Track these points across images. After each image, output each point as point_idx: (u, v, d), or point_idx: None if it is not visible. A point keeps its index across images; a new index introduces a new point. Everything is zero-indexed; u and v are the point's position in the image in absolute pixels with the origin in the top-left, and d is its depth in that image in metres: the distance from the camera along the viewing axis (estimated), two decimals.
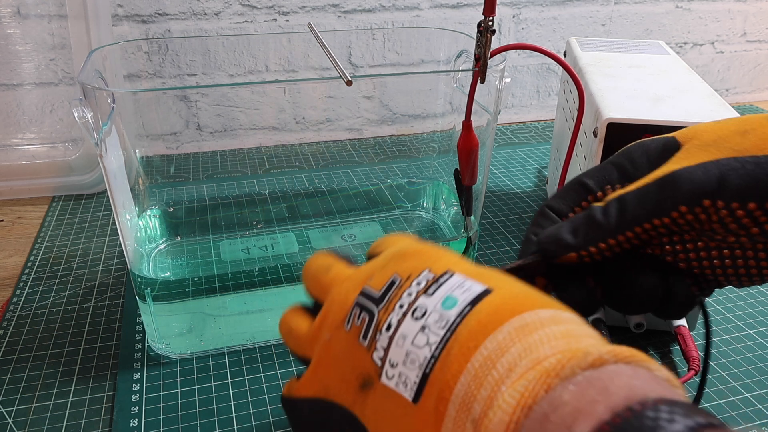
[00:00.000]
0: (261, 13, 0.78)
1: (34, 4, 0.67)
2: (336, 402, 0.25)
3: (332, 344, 0.25)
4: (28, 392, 0.43)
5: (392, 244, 0.28)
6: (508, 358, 0.20)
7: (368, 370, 0.23)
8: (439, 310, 0.22)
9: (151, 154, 0.56)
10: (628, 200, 0.29)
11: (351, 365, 0.24)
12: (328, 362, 0.25)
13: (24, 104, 0.71)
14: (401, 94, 0.76)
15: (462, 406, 0.20)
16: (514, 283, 0.23)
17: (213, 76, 0.75)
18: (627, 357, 0.18)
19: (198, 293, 0.47)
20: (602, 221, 0.30)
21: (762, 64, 1.06)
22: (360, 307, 0.25)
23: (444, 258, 0.25)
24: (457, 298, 0.22)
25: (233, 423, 0.40)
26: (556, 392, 0.18)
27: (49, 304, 0.52)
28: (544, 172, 0.77)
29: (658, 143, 0.32)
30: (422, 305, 0.23)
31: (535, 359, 0.19)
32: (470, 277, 0.23)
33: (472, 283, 0.23)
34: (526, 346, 0.20)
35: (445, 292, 0.23)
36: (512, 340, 0.20)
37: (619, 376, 0.18)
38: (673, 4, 0.95)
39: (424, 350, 0.21)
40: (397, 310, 0.23)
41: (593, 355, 0.18)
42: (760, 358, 0.46)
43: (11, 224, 0.65)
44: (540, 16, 0.90)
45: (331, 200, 0.61)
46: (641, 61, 0.57)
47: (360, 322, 0.24)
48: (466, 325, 0.21)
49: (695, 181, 0.28)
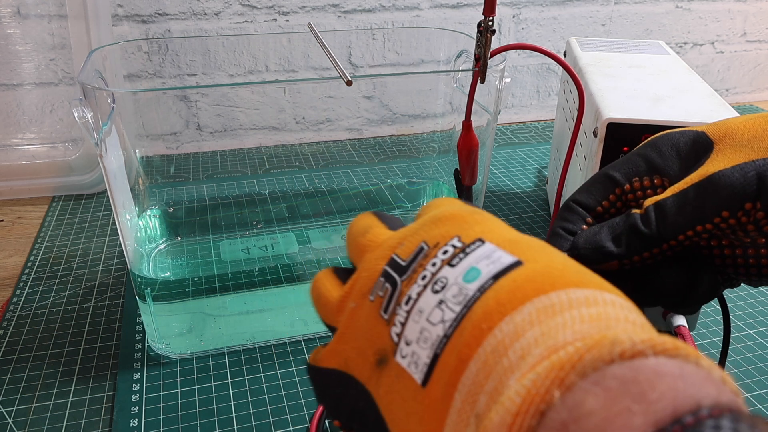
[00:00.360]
0: (261, 13, 0.78)
1: (34, 4, 0.67)
2: (353, 376, 0.23)
3: (356, 315, 0.23)
4: (28, 392, 0.43)
5: (435, 208, 0.25)
6: (522, 343, 0.16)
7: (385, 346, 0.21)
8: (460, 283, 0.19)
9: (151, 154, 0.56)
10: (668, 207, 0.29)
11: (370, 339, 0.22)
12: (350, 334, 0.24)
13: (24, 104, 0.71)
14: (401, 94, 0.76)
15: (468, 397, 0.17)
16: (553, 256, 0.20)
17: (213, 76, 0.75)
18: (669, 349, 0.15)
19: (198, 293, 0.47)
20: (645, 231, 0.29)
21: (762, 64, 1.06)
22: (385, 277, 0.22)
23: (480, 224, 0.22)
24: (480, 270, 0.19)
25: (233, 423, 0.40)
26: (577, 395, 0.14)
27: (49, 304, 0.52)
28: (544, 172, 0.76)
29: (688, 137, 0.31)
30: (443, 277, 0.20)
31: (552, 347, 0.16)
32: (503, 248, 0.20)
33: (501, 254, 0.20)
34: (544, 331, 0.16)
35: (470, 263, 0.20)
36: (531, 322, 0.17)
37: (660, 376, 0.14)
38: (673, 4, 0.95)
39: (437, 328, 0.19)
40: (419, 282, 0.21)
41: (623, 344, 0.14)
42: (760, 358, 0.46)
43: (11, 224, 0.65)
44: (540, 16, 0.90)
45: (331, 200, 0.61)
46: (641, 61, 0.57)
47: (383, 293, 0.22)
48: (483, 303, 0.18)
49: (735, 185, 0.27)
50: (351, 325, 0.24)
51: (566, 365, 0.15)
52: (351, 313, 0.24)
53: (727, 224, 0.28)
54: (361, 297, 0.23)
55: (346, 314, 0.24)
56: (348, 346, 0.24)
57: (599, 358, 0.14)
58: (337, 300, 0.25)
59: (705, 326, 0.50)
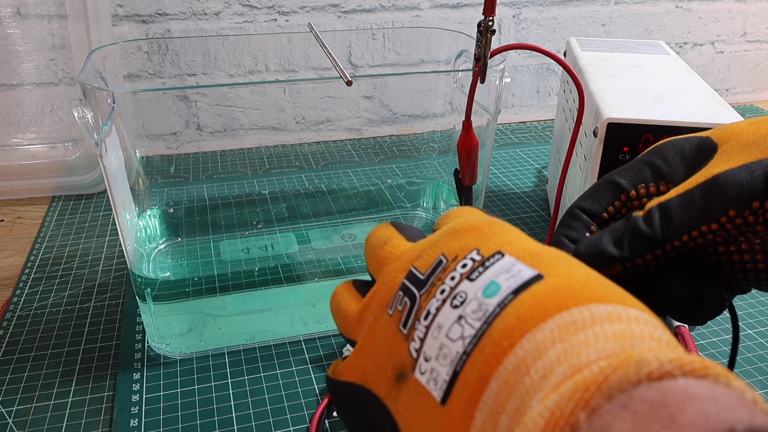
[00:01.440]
0: (261, 13, 0.78)
1: (34, 4, 0.67)
2: (371, 390, 0.23)
3: (375, 329, 0.23)
4: (28, 392, 0.43)
5: (455, 218, 0.25)
6: (544, 362, 0.16)
7: (404, 362, 0.21)
8: (480, 298, 0.19)
9: (151, 154, 0.56)
10: (672, 207, 0.28)
11: (389, 354, 0.22)
12: (369, 348, 0.24)
13: (24, 104, 0.71)
14: (401, 94, 0.76)
15: (489, 416, 0.17)
16: (575, 269, 0.20)
17: (213, 76, 0.75)
18: (698, 369, 0.14)
19: (198, 293, 0.47)
20: (647, 231, 0.28)
21: (762, 64, 1.06)
22: (404, 291, 0.22)
23: (499, 236, 0.22)
24: (500, 285, 0.19)
25: (233, 423, 0.40)
26: (604, 418, 0.13)
27: (49, 304, 0.52)
28: (544, 172, 0.76)
29: (692, 143, 0.31)
30: (462, 291, 0.20)
31: (575, 366, 0.15)
32: (522, 260, 0.20)
33: (521, 268, 0.20)
34: (567, 348, 0.16)
35: (489, 277, 0.20)
36: (553, 340, 0.16)
37: (691, 399, 0.13)
38: (673, 4, 0.95)
39: (457, 344, 0.19)
40: (438, 296, 0.20)
41: (650, 364, 0.14)
42: (760, 358, 0.46)
43: (11, 224, 0.65)
44: (540, 16, 0.90)
45: (331, 200, 0.61)
46: (641, 61, 0.57)
47: (402, 307, 0.22)
48: (503, 319, 0.18)
49: (742, 184, 0.27)
50: (370, 339, 0.24)
51: (591, 386, 0.14)
52: (370, 327, 0.24)
53: (733, 224, 0.27)
54: (380, 311, 0.23)
55: (365, 328, 0.24)
56: (367, 361, 0.23)
57: (625, 379, 0.14)
58: (356, 313, 0.25)
59: (705, 326, 0.50)
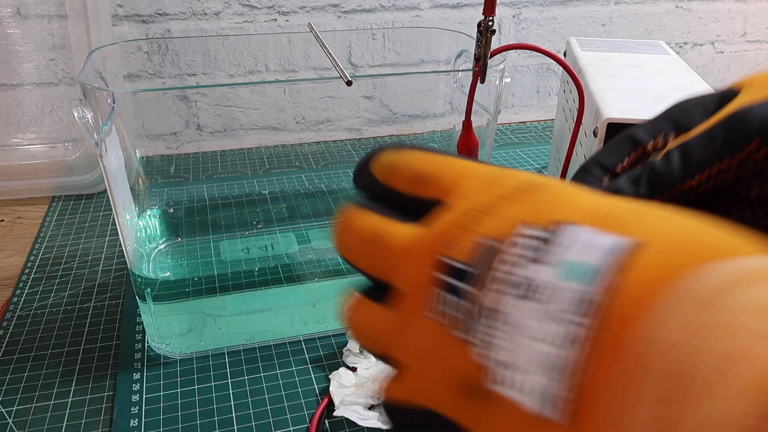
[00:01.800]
0: (261, 13, 0.78)
1: (34, 4, 0.67)
2: (434, 410, 0.19)
3: (416, 339, 0.19)
4: (28, 392, 0.43)
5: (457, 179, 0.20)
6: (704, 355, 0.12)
7: (469, 372, 0.17)
8: (565, 285, 0.15)
9: (151, 154, 0.56)
10: (692, 145, 0.26)
11: (445, 365, 0.18)
12: (415, 362, 0.20)
13: (24, 104, 0.71)
14: (401, 94, 0.76)
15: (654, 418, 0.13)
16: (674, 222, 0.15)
17: (213, 76, 0.75)
18: None
19: (198, 293, 0.47)
20: (664, 169, 0.26)
21: (762, 64, 1.06)
22: (442, 286, 0.18)
23: (547, 201, 0.17)
24: (591, 265, 0.15)
25: (233, 423, 0.40)
26: None
27: (49, 304, 0.52)
28: (544, 172, 0.77)
29: (714, 96, 0.30)
30: (531, 278, 0.16)
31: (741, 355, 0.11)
32: (601, 227, 0.16)
33: (604, 238, 0.15)
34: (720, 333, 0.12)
35: (567, 255, 0.15)
36: (693, 324, 0.12)
37: None
38: (673, 4, 0.95)
39: (546, 346, 0.15)
40: (498, 288, 0.16)
41: None
42: None
43: (11, 224, 0.65)
44: (540, 16, 0.90)
45: (331, 200, 0.61)
46: (641, 61, 0.57)
47: (447, 307, 0.18)
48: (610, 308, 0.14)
49: (765, 114, 0.25)
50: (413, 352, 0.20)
51: None
52: (408, 339, 0.20)
53: (755, 158, 0.25)
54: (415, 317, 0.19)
55: (405, 342, 0.20)
56: (417, 377, 0.20)
57: None
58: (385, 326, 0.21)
59: None
